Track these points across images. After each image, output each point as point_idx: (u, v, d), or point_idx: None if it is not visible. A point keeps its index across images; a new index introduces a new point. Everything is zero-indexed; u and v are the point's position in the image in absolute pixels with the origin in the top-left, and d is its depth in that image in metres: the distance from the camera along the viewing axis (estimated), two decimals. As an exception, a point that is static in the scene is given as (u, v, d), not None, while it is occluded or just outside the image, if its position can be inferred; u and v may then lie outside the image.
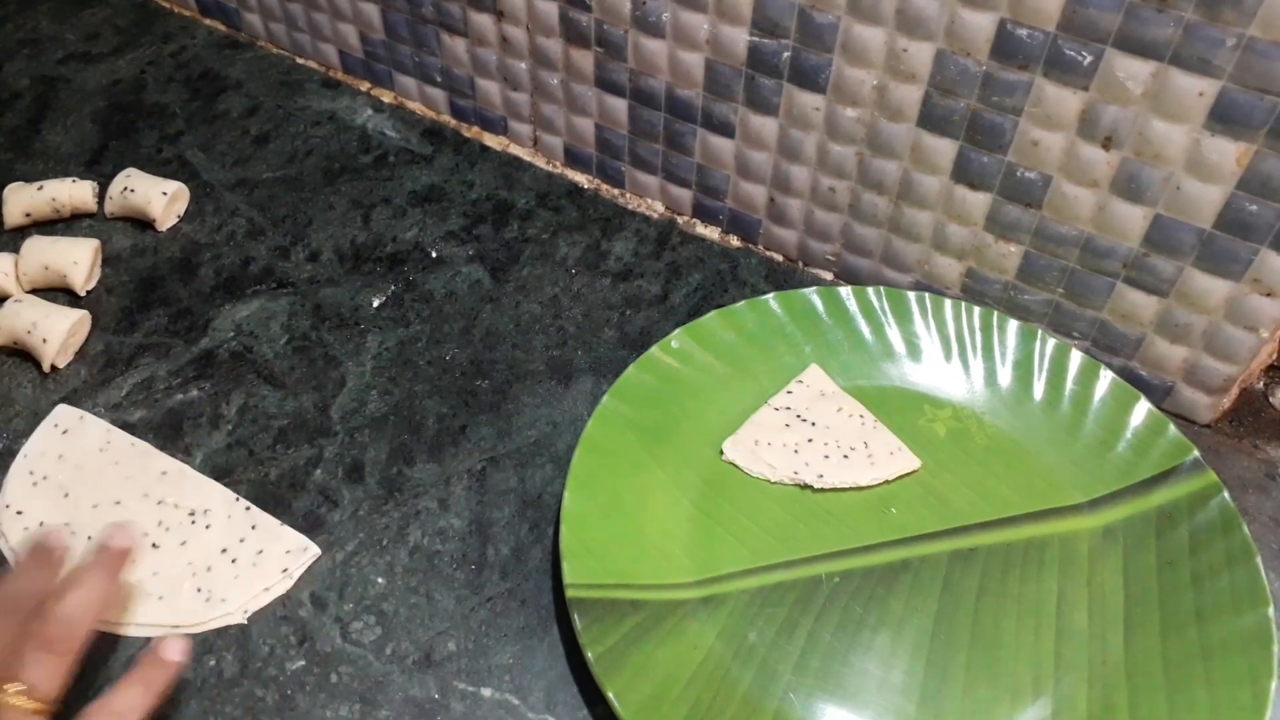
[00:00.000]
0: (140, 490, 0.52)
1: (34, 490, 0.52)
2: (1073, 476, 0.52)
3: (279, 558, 0.50)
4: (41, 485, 0.52)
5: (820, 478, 0.52)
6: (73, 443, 0.54)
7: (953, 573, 0.49)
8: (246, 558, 0.50)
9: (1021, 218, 0.55)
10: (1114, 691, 0.44)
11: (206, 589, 0.48)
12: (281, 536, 0.50)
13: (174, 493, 0.52)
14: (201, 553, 0.50)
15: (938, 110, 0.53)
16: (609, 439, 0.52)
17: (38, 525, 0.50)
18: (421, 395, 0.57)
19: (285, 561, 0.50)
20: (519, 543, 0.51)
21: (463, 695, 0.46)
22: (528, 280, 0.63)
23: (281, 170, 0.70)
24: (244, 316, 0.61)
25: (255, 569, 0.49)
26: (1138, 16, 0.45)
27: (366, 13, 0.72)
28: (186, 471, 0.53)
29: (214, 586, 0.49)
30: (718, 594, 0.48)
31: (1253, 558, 0.46)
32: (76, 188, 0.66)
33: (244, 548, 0.50)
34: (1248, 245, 0.49)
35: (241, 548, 0.50)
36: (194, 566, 0.49)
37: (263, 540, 0.50)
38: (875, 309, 0.58)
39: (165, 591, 0.48)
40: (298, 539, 0.50)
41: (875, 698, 0.45)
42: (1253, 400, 0.57)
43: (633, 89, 0.63)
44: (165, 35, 0.81)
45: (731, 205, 0.65)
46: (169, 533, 0.50)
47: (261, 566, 0.49)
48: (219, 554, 0.50)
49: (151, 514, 0.51)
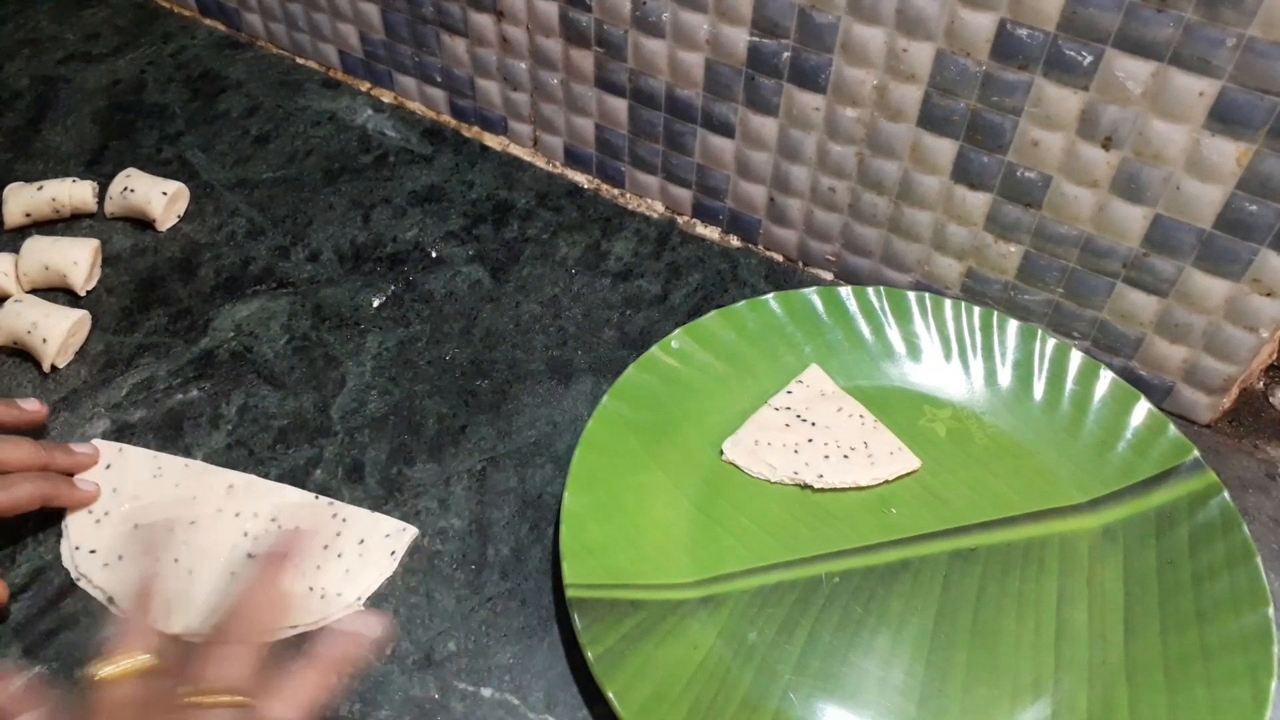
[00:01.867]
0: (213, 507, 0.51)
1: (99, 528, 0.50)
2: (1073, 476, 0.52)
3: (382, 543, 0.50)
4: (105, 521, 0.50)
5: (820, 478, 0.52)
6: (121, 476, 0.52)
7: (953, 573, 0.49)
8: (351, 550, 0.50)
9: (1021, 218, 0.55)
10: (1114, 691, 0.44)
11: (320, 587, 0.48)
12: (377, 523, 0.51)
13: (248, 503, 0.51)
14: (303, 554, 0.49)
15: (938, 110, 0.53)
16: (609, 439, 0.52)
17: (117, 560, 0.49)
18: (421, 395, 0.57)
19: (390, 545, 0.50)
20: (519, 543, 0.51)
21: (463, 695, 0.46)
22: (528, 280, 0.63)
23: (281, 170, 0.70)
24: (244, 316, 0.61)
25: (363, 559, 0.49)
26: (1138, 16, 0.45)
27: (366, 13, 0.72)
28: (253, 481, 0.52)
29: (327, 584, 0.48)
30: (718, 594, 0.48)
31: (1253, 558, 0.46)
32: (76, 188, 0.66)
33: (344, 541, 0.50)
34: (1248, 245, 0.49)
35: (341, 541, 0.50)
36: (300, 569, 0.49)
37: (360, 529, 0.50)
38: (875, 309, 0.58)
39: None
40: (392, 522, 0.51)
41: (875, 698, 0.45)
42: (1253, 400, 0.57)
43: (633, 89, 0.63)
44: (165, 35, 0.81)
45: (731, 205, 0.65)
46: (259, 541, 0.50)
47: (368, 555, 0.49)
48: (321, 551, 0.50)
49: (232, 527, 0.50)
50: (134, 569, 0.43)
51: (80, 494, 0.50)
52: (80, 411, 0.56)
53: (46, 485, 0.48)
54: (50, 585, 0.49)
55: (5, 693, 0.38)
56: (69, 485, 0.50)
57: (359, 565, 0.49)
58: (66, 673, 0.46)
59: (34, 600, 0.48)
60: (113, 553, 0.49)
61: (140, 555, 0.47)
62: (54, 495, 0.49)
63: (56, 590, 0.49)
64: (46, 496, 0.48)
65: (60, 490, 0.49)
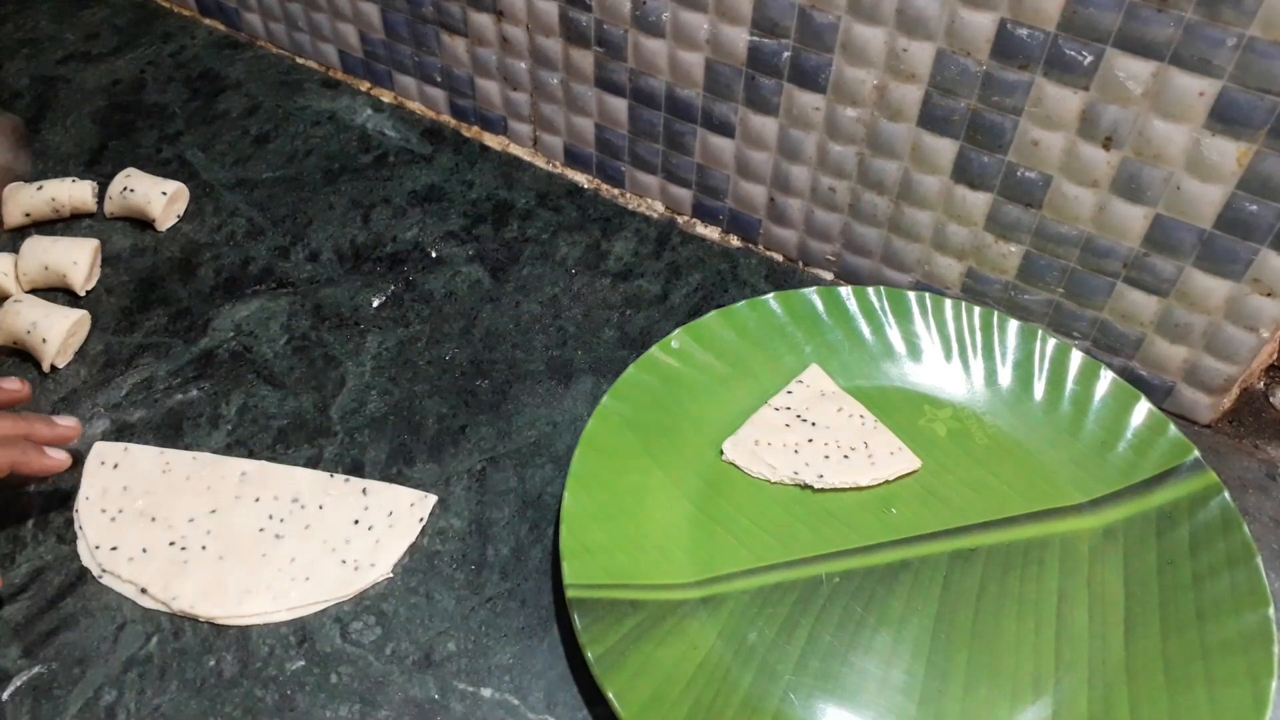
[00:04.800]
0: (230, 495, 0.52)
1: (115, 525, 0.50)
2: (1073, 476, 0.52)
3: (408, 511, 0.51)
4: (120, 519, 0.51)
5: (820, 478, 0.52)
6: (130, 474, 0.52)
7: (953, 573, 0.49)
8: (381, 521, 0.51)
9: (1022, 218, 0.55)
10: (1114, 691, 0.44)
11: (352, 560, 0.49)
12: (398, 494, 0.52)
13: (266, 488, 0.52)
14: (332, 529, 0.50)
15: (938, 110, 0.53)
16: (609, 439, 0.52)
17: (142, 553, 0.49)
18: (421, 395, 0.57)
19: (416, 513, 0.51)
20: (519, 543, 0.51)
21: (463, 695, 0.46)
22: (528, 280, 0.63)
23: (281, 170, 0.70)
24: (244, 316, 0.61)
25: (393, 529, 0.51)
26: (1138, 16, 0.45)
27: (366, 12, 0.72)
28: (265, 466, 0.53)
29: (359, 556, 0.50)
30: (718, 594, 0.48)
31: (1253, 558, 0.46)
32: (76, 188, 0.66)
33: (373, 514, 0.51)
34: (1248, 245, 0.49)
35: (370, 514, 0.51)
36: (330, 543, 0.50)
37: (386, 501, 0.52)
38: (875, 309, 0.58)
39: (310, 573, 0.49)
40: (413, 492, 0.52)
41: (875, 698, 0.45)
42: (1253, 400, 0.57)
43: (633, 89, 0.63)
44: (165, 35, 0.81)
45: (731, 205, 0.65)
46: (284, 523, 0.51)
47: (398, 525, 0.51)
48: (351, 525, 0.51)
49: (254, 511, 0.51)
50: None
51: (49, 462, 0.50)
52: (80, 411, 0.56)
53: (15, 452, 0.48)
54: (50, 585, 0.49)
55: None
56: (38, 452, 0.49)
57: (389, 536, 0.50)
58: (66, 672, 0.46)
59: (34, 600, 0.48)
60: (136, 546, 0.50)
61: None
62: (23, 462, 0.48)
63: (56, 590, 0.49)
64: (15, 464, 0.48)
65: (29, 457, 0.49)
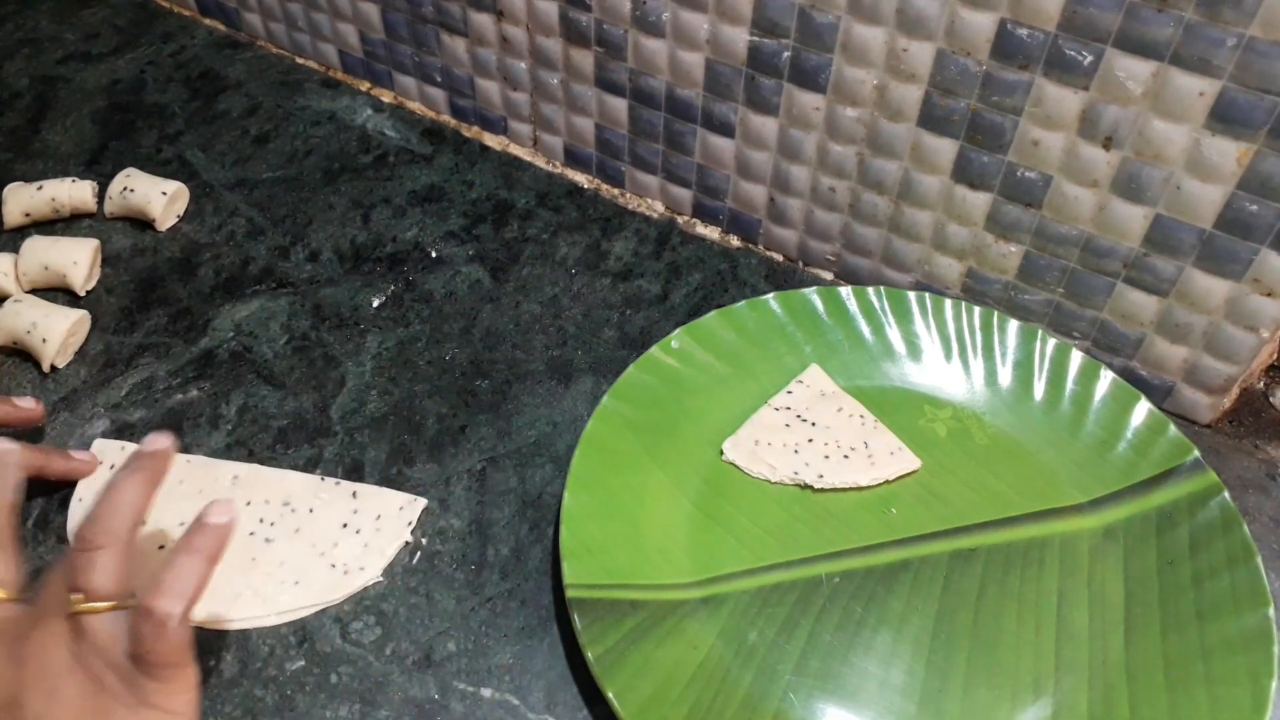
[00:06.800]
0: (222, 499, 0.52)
1: None
2: (1073, 476, 0.52)
3: (397, 515, 0.51)
4: None
5: (820, 478, 0.52)
6: None
7: (953, 573, 0.49)
8: (369, 525, 0.51)
9: (1022, 218, 0.54)
10: (1114, 691, 0.44)
11: (341, 563, 0.49)
12: (387, 498, 0.52)
13: (257, 491, 0.52)
14: (321, 533, 0.50)
15: (938, 110, 0.53)
16: (609, 439, 0.52)
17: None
18: (421, 395, 0.57)
19: (404, 517, 0.51)
20: (519, 543, 0.51)
21: (463, 695, 0.46)
22: (528, 280, 0.63)
23: (281, 170, 0.70)
24: (244, 316, 0.61)
25: (380, 533, 0.50)
26: (1138, 16, 0.45)
27: (366, 12, 0.72)
28: (257, 469, 0.53)
29: (348, 560, 0.49)
30: (718, 594, 0.48)
31: (1253, 558, 0.46)
32: (76, 188, 0.66)
33: (361, 517, 0.51)
34: (1248, 245, 0.49)
35: (358, 518, 0.51)
36: (319, 547, 0.50)
37: (374, 505, 0.51)
38: (875, 309, 0.58)
39: (299, 577, 0.49)
40: (402, 496, 0.52)
41: (875, 698, 0.45)
42: (1253, 400, 0.57)
43: (633, 89, 0.63)
44: (165, 35, 0.81)
45: (731, 205, 0.65)
46: (275, 526, 0.51)
47: (386, 529, 0.51)
48: (340, 529, 0.50)
49: (245, 515, 0.51)
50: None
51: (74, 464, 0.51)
52: (80, 411, 0.56)
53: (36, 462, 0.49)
54: (50, 585, 0.49)
55: None
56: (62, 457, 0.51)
57: (377, 540, 0.50)
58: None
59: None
60: None
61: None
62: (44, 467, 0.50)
63: (56, 590, 0.49)
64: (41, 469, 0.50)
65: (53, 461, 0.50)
